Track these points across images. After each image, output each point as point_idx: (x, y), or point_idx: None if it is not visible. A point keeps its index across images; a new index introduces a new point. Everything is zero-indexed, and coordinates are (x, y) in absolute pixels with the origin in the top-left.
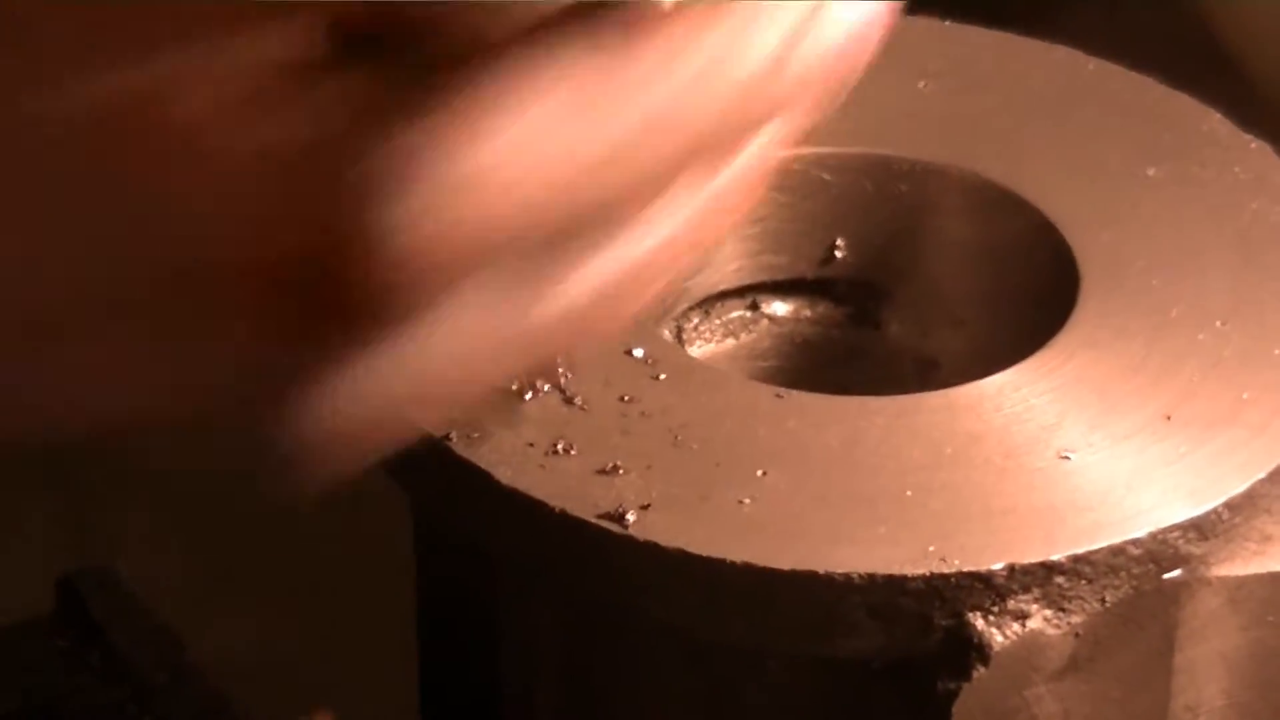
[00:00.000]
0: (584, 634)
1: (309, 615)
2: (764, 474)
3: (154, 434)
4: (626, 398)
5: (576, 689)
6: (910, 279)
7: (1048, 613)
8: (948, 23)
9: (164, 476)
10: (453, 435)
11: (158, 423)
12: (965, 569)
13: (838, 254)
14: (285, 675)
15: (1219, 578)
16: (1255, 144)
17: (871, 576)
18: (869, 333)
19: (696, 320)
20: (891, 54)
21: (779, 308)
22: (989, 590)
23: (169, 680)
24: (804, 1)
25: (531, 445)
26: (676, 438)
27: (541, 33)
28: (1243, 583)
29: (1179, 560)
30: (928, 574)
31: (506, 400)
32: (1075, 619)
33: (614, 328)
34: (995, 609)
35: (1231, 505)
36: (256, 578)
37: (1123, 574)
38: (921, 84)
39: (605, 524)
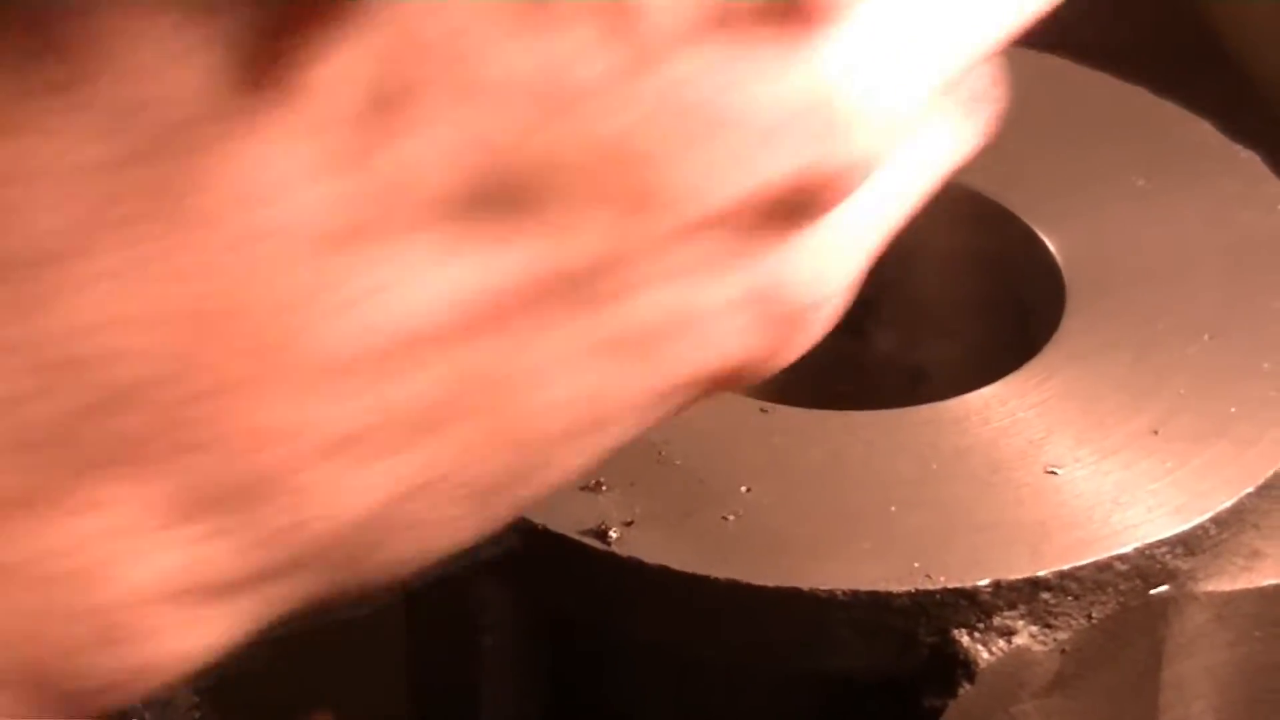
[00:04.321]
0: (567, 649)
1: (309, 615)
2: (748, 490)
3: None
4: None
5: (561, 705)
6: (898, 289)
7: (1034, 629)
8: None
9: None
10: None
11: None
12: (951, 585)
13: None
14: (285, 675)
15: (1206, 593)
16: (1245, 154)
17: (856, 593)
18: (856, 343)
19: None
20: None
21: None
22: (974, 607)
23: None
24: None
25: None
26: (660, 453)
27: None
28: (1230, 598)
29: (1166, 576)
30: (913, 590)
31: None
32: (1062, 635)
33: None
34: (981, 626)
35: (1219, 520)
36: None
37: (1109, 590)
38: None
39: (588, 540)
